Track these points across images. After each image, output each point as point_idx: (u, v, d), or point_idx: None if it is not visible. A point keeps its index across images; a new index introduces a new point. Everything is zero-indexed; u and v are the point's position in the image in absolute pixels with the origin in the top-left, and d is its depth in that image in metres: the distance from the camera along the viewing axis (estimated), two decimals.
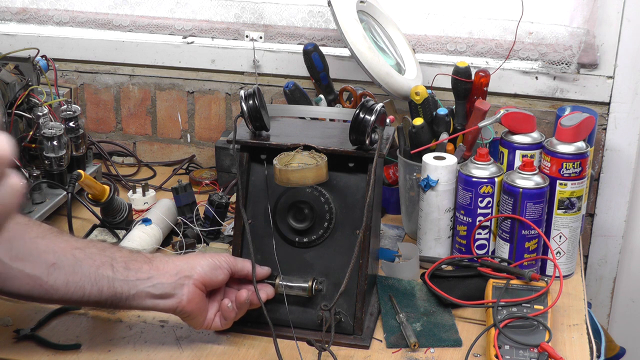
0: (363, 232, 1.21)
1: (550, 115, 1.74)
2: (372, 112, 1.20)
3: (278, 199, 1.27)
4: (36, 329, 1.26)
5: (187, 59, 1.88)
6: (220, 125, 1.91)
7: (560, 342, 1.26)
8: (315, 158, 1.20)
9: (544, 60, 1.72)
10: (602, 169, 1.75)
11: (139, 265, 1.16)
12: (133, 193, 1.70)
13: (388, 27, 1.75)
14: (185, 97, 1.91)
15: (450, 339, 1.26)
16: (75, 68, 1.94)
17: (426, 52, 1.79)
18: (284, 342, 1.21)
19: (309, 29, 1.84)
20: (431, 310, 1.32)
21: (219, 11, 1.88)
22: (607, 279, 1.84)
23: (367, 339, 1.25)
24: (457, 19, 1.77)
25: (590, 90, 1.71)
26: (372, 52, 1.60)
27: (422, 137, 1.51)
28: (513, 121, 1.47)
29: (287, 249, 1.27)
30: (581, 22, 1.71)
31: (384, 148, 1.23)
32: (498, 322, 1.22)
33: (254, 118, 1.26)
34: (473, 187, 1.41)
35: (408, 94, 1.58)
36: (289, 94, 1.66)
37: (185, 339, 1.25)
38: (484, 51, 1.76)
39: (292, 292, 1.24)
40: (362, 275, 1.24)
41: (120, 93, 1.94)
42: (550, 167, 1.41)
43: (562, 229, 1.43)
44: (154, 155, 1.98)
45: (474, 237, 1.44)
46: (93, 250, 1.15)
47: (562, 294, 1.35)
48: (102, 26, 1.92)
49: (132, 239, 1.45)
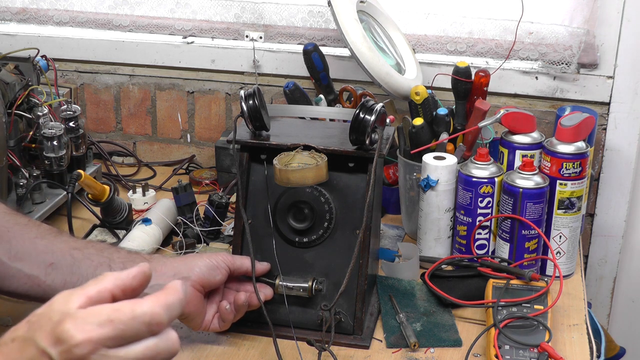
0: (363, 232, 1.21)
1: (550, 115, 1.74)
2: (372, 112, 1.20)
3: (278, 199, 1.27)
4: None
5: (187, 59, 1.88)
6: (220, 125, 1.91)
7: (560, 342, 1.26)
8: (315, 158, 1.20)
9: (544, 60, 1.72)
10: (602, 169, 1.75)
11: None
12: (133, 193, 1.70)
13: (388, 27, 1.75)
14: (185, 97, 1.91)
15: (450, 339, 1.26)
16: (75, 68, 1.94)
17: (426, 52, 1.79)
18: (284, 342, 1.21)
19: (309, 29, 1.84)
20: (431, 310, 1.32)
21: (219, 11, 1.88)
22: (607, 279, 1.84)
23: (367, 339, 1.25)
24: (457, 19, 1.77)
25: (590, 90, 1.71)
26: (372, 52, 1.60)
27: (422, 137, 1.51)
28: (513, 121, 1.47)
29: (287, 249, 1.27)
30: (581, 22, 1.71)
31: (384, 148, 1.23)
32: (498, 322, 1.22)
33: (254, 118, 1.26)
34: (473, 187, 1.41)
35: (408, 94, 1.58)
36: (289, 94, 1.66)
37: (185, 339, 1.25)
38: (484, 51, 1.76)
39: (292, 292, 1.24)
40: (362, 275, 1.24)
41: (120, 93, 1.94)
42: (550, 167, 1.41)
43: (562, 229, 1.43)
44: (154, 155, 1.98)
45: (474, 237, 1.44)
46: (91, 251, 1.15)
47: (562, 294, 1.35)
48: (102, 26, 1.92)
49: (132, 239, 1.45)
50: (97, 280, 0.69)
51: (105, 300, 0.68)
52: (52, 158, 1.58)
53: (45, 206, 1.56)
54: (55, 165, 1.59)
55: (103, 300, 0.68)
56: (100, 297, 0.68)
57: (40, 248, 1.12)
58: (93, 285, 0.68)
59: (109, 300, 0.69)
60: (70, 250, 1.14)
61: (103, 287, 0.68)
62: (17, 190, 1.54)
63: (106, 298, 0.68)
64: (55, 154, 1.58)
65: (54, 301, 0.69)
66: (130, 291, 0.70)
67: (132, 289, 0.70)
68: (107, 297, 0.68)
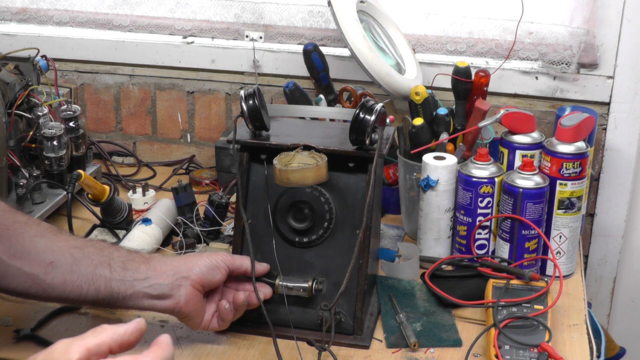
0: (363, 232, 1.21)
1: (550, 115, 1.74)
2: (372, 112, 1.20)
3: (278, 199, 1.27)
4: (36, 329, 1.26)
5: (187, 59, 1.88)
6: (220, 125, 1.91)
7: (560, 342, 1.26)
8: (315, 158, 1.20)
9: (544, 60, 1.72)
10: (602, 169, 1.75)
11: (137, 266, 1.16)
12: (133, 193, 1.70)
13: (388, 27, 1.75)
14: (185, 97, 1.91)
15: (450, 339, 1.26)
16: (75, 68, 1.94)
17: (426, 52, 1.79)
18: (284, 342, 1.21)
19: (309, 29, 1.84)
20: (431, 310, 1.32)
21: (219, 11, 1.88)
22: (607, 279, 1.84)
23: (367, 339, 1.25)
24: (457, 19, 1.77)
25: (590, 90, 1.71)
26: (372, 52, 1.60)
27: (422, 137, 1.51)
28: (513, 121, 1.47)
29: (287, 249, 1.27)
30: (581, 22, 1.71)
31: (384, 148, 1.23)
32: (498, 322, 1.22)
33: (254, 118, 1.26)
34: (473, 187, 1.41)
35: (408, 94, 1.58)
36: (289, 94, 1.66)
37: (185, 339, 1.25)
38: (484, 51, 1.76)
39: (292, 292, 1.24)
40: (362, 275, 1.24)
41: (120, 93, 1.94)
42: (550, 167, 1.41)
43: (562, 229, 1.43)
44: (154, 155, 1.98)
45: (474, 237, 1.44)
46: (91, 250, 1.15)
47: (562, 294, 1.36)
48: (102, 26, 1.92)
49: (132, 239, 1.45)
50: (95, 332, 0.72)
51: (103, 353, 0.72)
52: (52, 158, 1.58)
53: (45, 206, 1.56)
54: (55, 165, 1.59)
55: (101, 353, 0.71)
56: (98, 350, 0.71)
57: (40, 247, 1.13)
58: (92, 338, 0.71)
59: (107, 354, 0.72)
60: (70, 249, 1.14)
61: (101, 340, 0.71)
62: (17, 190, 1.54)
63: (104, 351, 0.72)
64: (55, 154, 1.58)
65: (54, 350, 0.71)
66: (126, 345, 0.73)
67: (129, 343, 0.73)
68: (105, 351, 0.72)
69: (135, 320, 0.74)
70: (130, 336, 0.73)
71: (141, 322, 0.74)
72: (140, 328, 0.73)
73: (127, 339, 0.73)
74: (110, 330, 0.72)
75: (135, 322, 0.73)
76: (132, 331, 0.73)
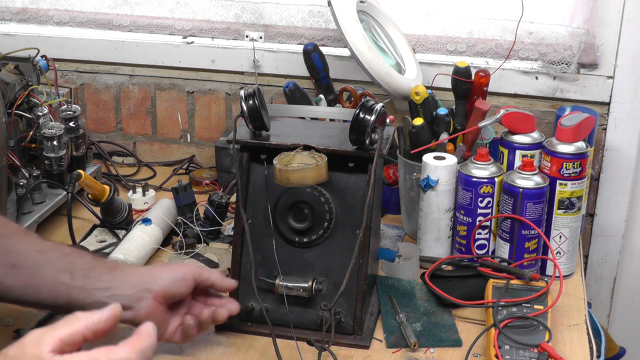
0: (363, 232, 1.21)
1: (550, 115, 1.74)
2: (372, 112, 1.20)
3: (278, 199, 1.27)
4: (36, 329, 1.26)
5: (187, 59, 1.88)
6: (220, 125, 1.91)
7: (560, 342, 1.26)
8: (315, 158, 1.20)
9: (544, 60, 1.72)
10: (602, 169, 1.75)
11: (99, 274, 1.12)
12: (133, 193, 1.70)
13: (388, 27, 1.75)
14: (185, 97, 1.91)
15: (450, 339, 1.26)
16: (75, 68, 1.94)
17: (426, 52, 1.79)
18: (284, 342, 1.21)
19: (309, 29, 1.84)
20: (431, 310, 1.32)
21: (219, 11, 1.88)
22: (607, 279, 1.84)
23: (367, 339, 1.25)
24: (457, 19, 1.77)
25: (590, 90, 1.71)
26: (372, 52, 1.60)
27: (422, 137, 1.51)
28: (513, 121, 1.47)
29: (287, 249, 1.27)
30: (581, 22, 1.71)
31: (384, 148, 1.23)
32: (498, 322, 1.22)
33: (254, 118, 1.26)
34: (473, 187, 1.41)
35: (408, 94, 1.58)
36: (289, 94, 1.66)
37: None
38: (484, 51, 1.76)
39: (292, 292, 1.24)
40: (362, 275, 1.24)
41: (120, 93, 1.94)
42: (550, 167, 1.41)
43: (562, 229, 1.43)
44: (154, 155, 1.98)
45: (474, 237, 1.44)
46: (55, 255, 1.12)
47: (562, 294, 1.36)
48: (102, 26, 1.92)
49: (132, 239, 1.45)
50: (69, 321, 0.69)
51: (77, 343, 0.69)
52: (52, 158, 1.58)
53: (45, 206, 1.56)
54: (55, 165, 1.59)
55: (75, 342, 0.69)
56: (72, 340, 0.68)
57: (3, 248, 1.11)
58: (65, 328, 0.68)
59: (81, 343, 0.69)
60: (34, 252, 1.11)
61: (74, 329, 0.69)
62: (17, 190, 1.54)
63: (78, 341, 0.69)
64: (55, 154, 1.58)
65: (25, 343, 0.68)
66: (101, 333, 0.71)
67: (104, 331, 0.70)
68: (79, 340, 0.69)
69: (109, 307, 0.71)
70: (105, 324, 0.70)
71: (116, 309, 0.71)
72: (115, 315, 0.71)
73: (101, 327, 0.70)
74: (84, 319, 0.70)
75: (110, 309, 0.71)
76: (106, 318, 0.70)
